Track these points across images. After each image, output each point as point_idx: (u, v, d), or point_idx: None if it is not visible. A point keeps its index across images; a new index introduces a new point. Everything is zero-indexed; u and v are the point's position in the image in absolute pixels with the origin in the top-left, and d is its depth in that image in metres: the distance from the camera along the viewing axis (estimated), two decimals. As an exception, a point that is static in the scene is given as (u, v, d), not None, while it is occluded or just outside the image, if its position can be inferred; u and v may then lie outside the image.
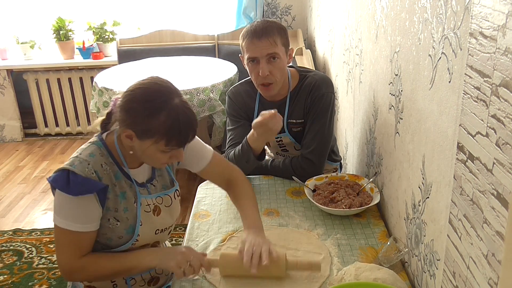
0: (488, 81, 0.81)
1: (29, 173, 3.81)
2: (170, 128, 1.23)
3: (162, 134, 1.23)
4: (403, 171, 1.39)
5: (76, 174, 1.24)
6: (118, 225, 1.32)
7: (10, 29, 4.24)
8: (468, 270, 0.93)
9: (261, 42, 1.72)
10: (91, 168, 1.26)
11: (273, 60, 1.75)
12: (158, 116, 1.22)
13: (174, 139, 1.25)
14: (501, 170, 0.78)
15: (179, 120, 1.23)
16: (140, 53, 3.93)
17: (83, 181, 1.24)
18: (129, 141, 1.27)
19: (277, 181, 1.87)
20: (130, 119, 1.24)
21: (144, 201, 1.36)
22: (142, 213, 1.35)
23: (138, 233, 1.34)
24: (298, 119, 1.87)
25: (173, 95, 1.26)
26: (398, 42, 1.41)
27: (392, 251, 1.35)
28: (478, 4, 0.84)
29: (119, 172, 1.33)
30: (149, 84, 1.27)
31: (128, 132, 1.25)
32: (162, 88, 1.27)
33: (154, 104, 1.23)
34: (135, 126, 1.24)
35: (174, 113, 1.23)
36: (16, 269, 2.62)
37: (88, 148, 1.31)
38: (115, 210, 1.31)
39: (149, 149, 1.26)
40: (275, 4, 4.11)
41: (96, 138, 1.36)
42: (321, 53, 3.31)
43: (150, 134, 1.23)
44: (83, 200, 1.25)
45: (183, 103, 1.26)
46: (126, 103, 1.26)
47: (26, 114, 4.43)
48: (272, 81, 1.78)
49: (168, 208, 1.43)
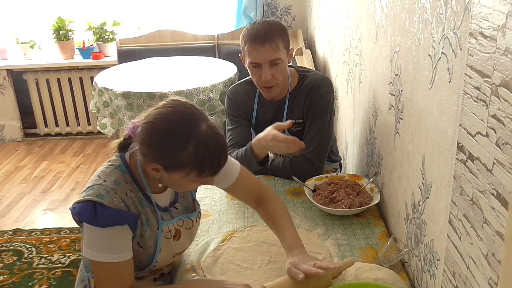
0: (488, 81, 0.81)
1: (29, 173, 3.81)
2: (202, 159, 1.13)
3: (194, 166, 1.14)
4: (403, 171, 1.39)
5: (105, 206, 1.15)
6: (141, 251, 1.26)
7: (10, 29, 4.24)
8: (468, 270, 0.93)
9: (264, 48, 1.72)
10: (118, 198, 1.17)
11: (275, 65, 1.75)
12: (186, 148, 1.12)
13: (207, 169, 1.16)
14: (501, 170, 0.78)
15: (210, 149, 1.14)
16: (140, 53, 3.93)
17: (113, 213, 1.15)
18: (156, 173, 1.19)
19: (277, 181, 1.87)
20: (155, 153, 1.14)
21: (165, 227, 1.30)
22: (163, 239, 1.29)
23: (157, 260, 1.29)
24: (297, 119, 1.87)
25: (199, 122, 1.15)
26: (398, 42, 1.41)
27: (392, 251, 1.35)
28: (478, 4, 0.84)
29: (143, 199, 1.25)
30: (172, 113, 1.16)
31: (154, 166, 1.16)
32: (185, 116, 1.15)
33: (180, 136, 1.13)
34: (161, 160, 1.15)
35: (205, 143, 1.13)
36: (16, 269, 2.62)
37: (113, 174, 1.21)
38: (141, 236, 1.24)
39: (180, 180, 1.18)
40: (275, 4, 4.11)
41: (118, 159, 1.25)
42: (321, 53, 3.31)
43: (179, 168, 1.14)
44: (115, 230, 1.16)
45: (211, 129, 1.16)
46: (148, 137, 1.15)
47: (26, 114, 4.43)
48: (274, 83, 1.79)
49: (189, 230, 1.36)
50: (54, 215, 3.19)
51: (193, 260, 1.44)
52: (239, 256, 1.43)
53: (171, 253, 1.33)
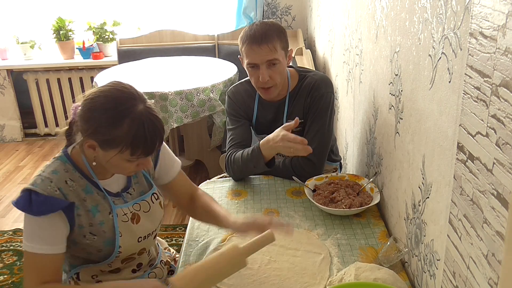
0: (488, 81, 0.81)
1: (29, 173, 3.81)
2: (135, 137, 1.16)
3: (127, 144, 1.16)
4: (403, 171, 1.39)
5: (38, 193, 1.18)
6: (96, 239, 1.28)
7: (10, 29, 4.24)
8: (468, 270, 0.93)
9: (261, 48, 1.72)
10: (53, 186, 1.21)
11: (273, 66, 1.75)
12: (121, 125, 1.15)
13: (140, 148, 1.18)
14: (501, 170, 0.78)
15: (144, 128, 1.16)
16: (140, 53, 3.93)
17: (45, 199, 1.18)
18: (92, 151, 1.22)
19: (277, 181, 1.87)
20: (91, 129, 1.18)
21: (120, 211, 1.31)
22: (120, 223, 1.30)
23: (120, 245, 1.30)
24: (298, 119, 1.87)
25: (137, 101, 1.19)
26: (398, 42, 1.41)
27: (392, 251, 1.35)
28: (478, 4, 0.84)
29: (89, 185, 1.27)
30: (110, 91, 1.20)
31: (90, 142, 1.20)
32: (124, 94, 1.20)
33: (117, 112, 1.16)
34: (97, 136, 1.18)
35: (139, 121, 1.16)
36: (16, 269, 2.62)
37: (52, 165, 1.26)
38: (90, 225, 1.27)
39: (114, 159, 1.20)
40: (275, 4, 4.10)
41: (61, 152, 1.31)
42: (321, 53, 3.31)
43: (114, 144, 1.17)
44: (48, 220, 1.20)
45: (148, 109, 1.19)
46: (86, 112, 1.19)
47: (26, 114, 4.43)
48: (272, 84, 1.79)
49: (147, 213, 1.38)
50: (54, 215, 3.19)
51: (193, 260, 1.44)
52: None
53: (134, 237, 1.34)
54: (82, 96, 1.24)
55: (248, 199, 1.76)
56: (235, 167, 1.83)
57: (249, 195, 1.79)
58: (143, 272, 1.43)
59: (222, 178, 2.03)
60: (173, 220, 3.03)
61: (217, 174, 2.24)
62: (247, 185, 1.86)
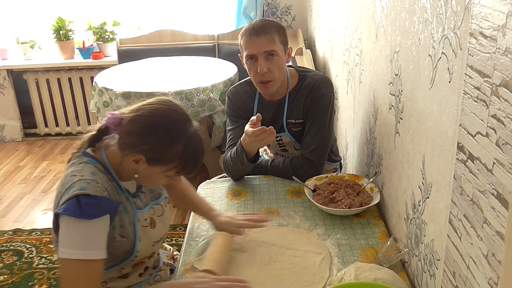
0: (488, 81, 0.81)
1: (29, 173, 3.81)
2: (188, 158, 1.21)
3: (178, 164, 1.20)
4: (403, 171, 1.39)
5: (90, 195, 1.14)
6: (124, 241, 1.26)
7: (10, 29, 4.24)
8: (468, 270, 0.93)
9: (259, 39, 1.73)
10: (101, 187, 1.18)
11: (271, 57, 1.75)
12: (176, 146, 1.19)
13: (189, 168, 1.23)
14: (501, 170, 0.78)
15: (197, 150, 1.22)
16: (140, 53, 3.93)
17: (99, 201, 1.15)
18: (134, 165, 1.21)
19: (277, 181, 1.87)
20: (144, 145, 1.19)
21: (141, 216, 1.32)
22: (140, 228, 1.30)
23: (137, 249, 1.30)
24: (297, 119, 1.87)
25: (189, 123, 1.24)
26: (398, 42, 1.41)
27: (392, 251, 1.35)
28: (478, 4, 0.84)
29: (118, 188, 1.27)
30: (166, 111, 1.23)
31: (137, 157, 1.19)
32: (179, 115, 1.24)
33: (175, 133, 1.20)
34: (148, 153, 1.19)
35: (192, 143, 1.21)
36: (16, 269, 2.62)
37: (86, 169, 1.21)
38: (121, 225, 1.25)
39: (156, 175, 1.23)
40: (275, 4, 4.11)
41: (83, 157, 1.26)
42: (321, 53, 3.31)
43: (164, 163, 1.20)
44: (97, 223, 1.15)
45: (196, 131, 1.24)
46: (140, 129, 1.19)
47: (26, 114, 4.43)
48: (271, 78, 1.78)
49: (161, 217, 1.39)
50: (54, 215, 3.19)
51: (193, 260, 1.44)
52: (239, 256, 1.43)
53: (150, 242, 1.35)
54: (129, 110, 1.24)
55: (248, 199, 1.76)
56: (229, 166, 1.84)
57: (249, 195, 1.79)
58: (149, 275, 1.43)
59: (222, 178, 2.03)
60: (173, 220, 3.03)
61: (217, 174, 2.25)
62: (247, 185, 1.86)
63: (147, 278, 1.42)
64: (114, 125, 1.22)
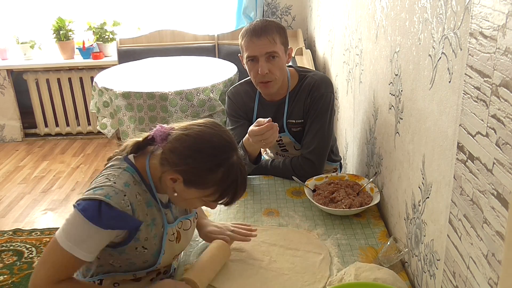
0: (488, 81, 0.81)
1: (29, 173, 3.81)
2: (227, 187, 1.19)
3: (216, 191, 1.18)
4: (403, 171, 1.39)
5: (112, 207, 1.13)
6: (145, 252, 1.25)
7: (10, 29, 4.24)
8: (468, 270, 0.93)
9: (260, 40, 1.73)
10: (127, 200, 1.16)
11: (272, 58, 1.75)
12: (216, 172, 1.16)
13: (228, 197, 1.21)
14: (501, 170, 0.78)
15: (238, 180, 1.19)
16: (140, 53, 3.93)
17: (118, 215, 1.14)
18: (171, 183, 1.19)
19: (277, 181, 1.87)
20: (185, 167, 1.16)
21: (170, 230, 1.30)
22: (167, 242, 1.29)
23: (160, 262, 1.29)
24: (297, 119, 1.87)
25: (233, 152, 1.21)
26: (398, 42, 1.41)
27: (392, 251, 1.35)
28: (478, 4, 0.84)
29: (151, 199, 1.25)
30: (213, 136, 1.20)
31: (175, 176, 1.17)
32: (225, 142, 1.21)
33: (217, 160, 1.17)
34: (187, 174, 1.17)
35: (233, 172, 1.19)
36: (16, 269, 2.62)
37: (122, 177, 1.20)
38: (145, 239, 1.24)
39: (192, 197, 1.21)
40: (275, 4, 4.11)
41: (124, 162, 1.24)
42: (321, 53, 3.31)
43: (201, 187, 1.18)
44: (104, 233, 1.14)
45: (239, 160, 1.21)
46: (184, 148, 1.17)
47: (26, 114, 4.43)
48: (271, 79, 1.79)
49: (186, 231, 1.38)
50: (54, 215, 3.19)
51: (193, 260, 1.44)
52: (239, 256, 1.43)
53: (172, 255, 1.34)
54: (179, 127, 1.22)
55: (248, 199, 1.76)
56: None
57: (249, 195, 1.79)
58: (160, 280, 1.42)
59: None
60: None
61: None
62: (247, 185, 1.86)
63: None
64: (160, 138, 1.21)
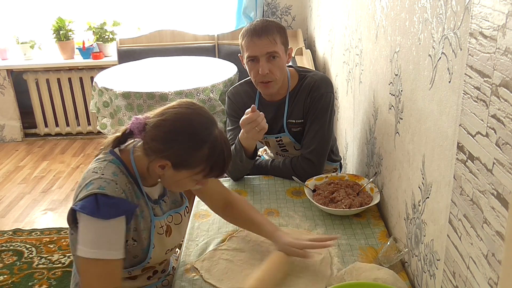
0: (488, 81, 0.81)
1: (29, 173, 3.81)
2: (215, 161, 1.19)
3: (205, 167, 1.19)
4: (403, 171, 1.39)
5: (108, 195, 1.14)
6: (135, 245, 1.26)
7: (10, 29, 4.24)
8: (468, 270, 0.93)
9: (261, 40, 1.73)
10: (119, 188, 1.17)
11: (272, 59, 1.75)
12: (201, 149, 1.17)
13: (217, 171, 1.22)
14: (501, 170, 0.78)
15: (224, 152, 1.21)
16: (140, 53, 3.93)
17: (117, 202, 1.15)
18: (160, 170, 1.20)
19: (277, 181, 1.87)
20: (169, 150, 1.17)
21: (157, 223, 1.30)
22: (155, 235, 1.29)
23: (150, 256, 1.29)
24: (297, 119, 1.87)
25: (214, 126, 1.22)
26: (398, 42, 1.41)
27: (392, 251, 1.35)
28: (478, 4, 0.84)
29: (138, 191, 1.26)
30: (191, 115, 1.21)
31: (163, 163, 1.18)
32: (204, 119, 1.22)
33: (199, 137, 1.18)
34: (174, 158, 1.18)
35: (218, 145, 1.20)
36: (16, 269, 2.62)
37: (109, 167, 1.21)
38: (134, 229, 1.24)
39: (184, 179, 1.22)
40: (275, 4, 4.11)
41: (110, 155, 1.25)
42: (321, 53, 3.31)
43: (190, 167, 1.19)
44: (115, 223, 1.15)
45: (221, 133, 1.22)
46: (165, 134, 1.18)
47: (26, 114, 4.43)
48: (272, 79, 1.79)
49: (178, 225, 1.38)
50: (54, 215, 3.19)
51: (193, 260, 1.44)
52: (239, 256, 1.43)
53: (164, 249, 1.34)
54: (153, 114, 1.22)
55: (248, 199, 1.76)
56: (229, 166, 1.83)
57: (249, 195, 1.79)
58: (157, 279, 1.42)
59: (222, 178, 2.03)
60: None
61: (217, 174, 2.24)
62: (247, 185, 1.86)
63: (155, 282, 1.41)
64: (138, 130, 1.21)
